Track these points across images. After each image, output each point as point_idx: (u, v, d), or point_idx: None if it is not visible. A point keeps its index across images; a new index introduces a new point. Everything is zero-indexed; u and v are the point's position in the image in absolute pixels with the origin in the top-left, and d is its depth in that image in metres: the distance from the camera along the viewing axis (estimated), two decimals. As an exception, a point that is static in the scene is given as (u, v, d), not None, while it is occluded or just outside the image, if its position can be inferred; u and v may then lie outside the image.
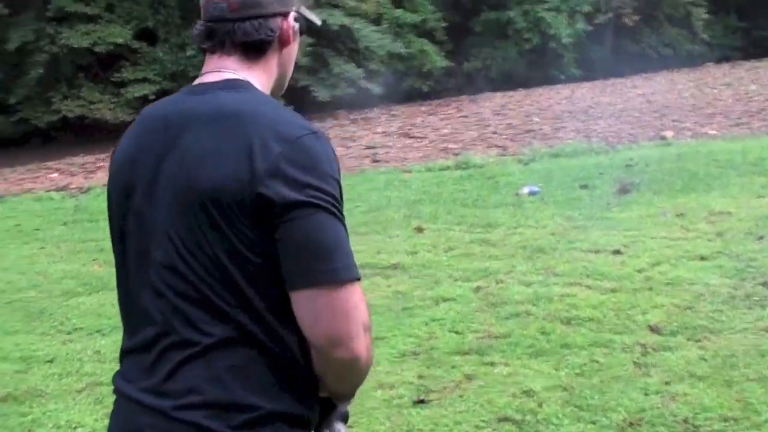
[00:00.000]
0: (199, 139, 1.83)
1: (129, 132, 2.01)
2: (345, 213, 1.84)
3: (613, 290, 6.82)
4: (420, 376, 5.39)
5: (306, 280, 1.74)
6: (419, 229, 9.68)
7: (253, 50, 1.98)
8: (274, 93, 2.06)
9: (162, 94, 21.79)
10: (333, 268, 1.74)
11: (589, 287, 6.97)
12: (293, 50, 2.08)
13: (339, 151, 19.05)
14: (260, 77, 2.00)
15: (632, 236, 8.53)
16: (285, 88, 2.13)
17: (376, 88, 30.24)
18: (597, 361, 5.38)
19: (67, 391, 5.66)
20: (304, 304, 1.76)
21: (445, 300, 6.95)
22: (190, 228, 1.80)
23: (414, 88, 32.51)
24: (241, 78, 1.95)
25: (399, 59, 31.53)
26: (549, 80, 32.57)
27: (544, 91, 28.24)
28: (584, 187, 11.44)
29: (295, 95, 28.97)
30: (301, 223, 1.74)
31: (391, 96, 31.14)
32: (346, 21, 29.18)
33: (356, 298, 1.77)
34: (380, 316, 6.55)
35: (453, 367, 5.51)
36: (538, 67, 33.97)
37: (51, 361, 6.24)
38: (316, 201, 1.74)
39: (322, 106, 28.92)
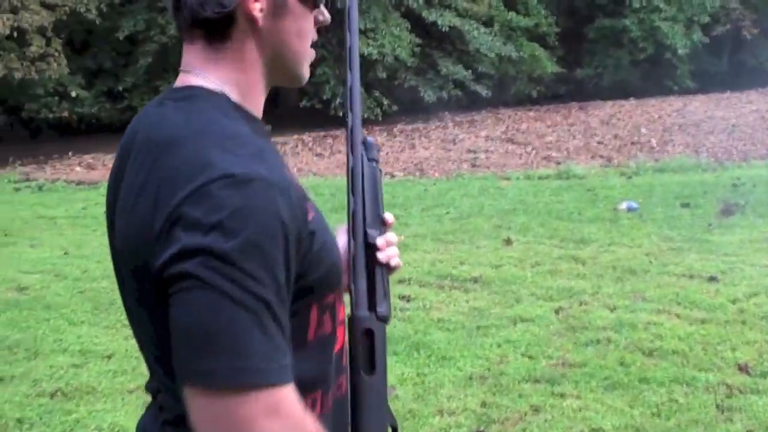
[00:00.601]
0: (131, 176, 1.47)
1: None
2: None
3: (703, 321, 6.38)
4: (484, 404, 5.07)
5: (181, 375, 1.31)
6: (508, 241, 9.33)
7: (213, 34, 1.53)
8: (277, 82, 1.63)
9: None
10: (210, 369, 1.27)
11: (677, 316, 6.54)
12: (288, 26, 1.57)
13: (439, 154, 18.89)
14: (229, 72, 1.55)
15: (730, 262, 8.04)
16: (299, 75, 1.63)
17: (484, 91, 29.80)
18: (676, 401, 4.98)
19: (118, 390, 5.53)
20: (187, 402, 1.32)
21: (522, 320, 6.60)
22: (125, 295, 1.53)
23: (523, 92, 31.95)
24: (195, 84, 1.53)
25: (509, 63, 30.98)
26: (662, 91, 31.62)
27: (655, 102, 27.41)
28: (686, 205, 10.92)
29: (401, 95, 28.81)
30: (181, 300, 1.29)
31: (499, 99, 30.67)
32: (457, 22, 28.76)
33: (252, 412, 1.27)
34: (452, 334, 6.26)
35: (520, 396, 5.17)
36: (651, 77, 33.02)
37: (109, 357, 6.13)
38: (203, 273, 1.28)
39: (428, 107, 28.61)
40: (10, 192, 14.83)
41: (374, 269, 1.70)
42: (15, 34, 22.04)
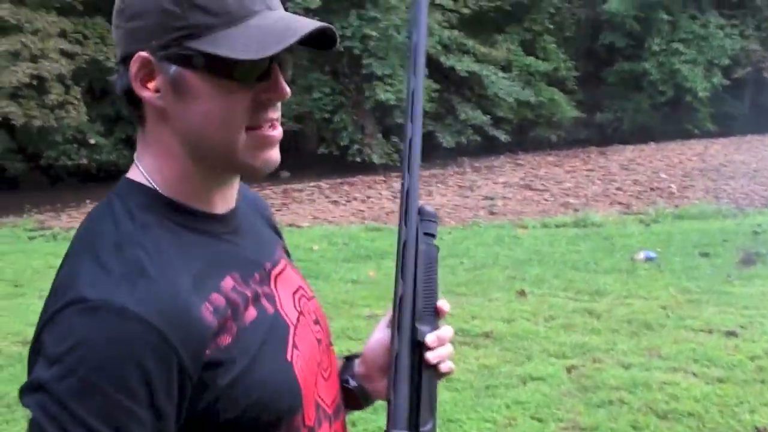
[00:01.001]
0: None
1: None
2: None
3: (721, 380, 6.15)
4: (489, 472, 4.87)
5: None
6: (522, 293, 9.13)
7: (134, 117, 1.37)
8: (226, 171, 1.39)
9: (286, 135, 21.80)
10: None
11: (694, 374, 6.31)
12: (197, 109, 1.31)
13: (455, 201, 18.73)
14: (154, 160, 1.36)
15: (750, 316, 7.81)
16: (239, 164, 1.36)
17: (502, 136, 29.75)
18: (690, 469, 4.77)
19: None
20: None
21: (533, 379, 6.39)
22: None
23: (542, 137, 31.90)
24: (127, 176, 1.38)
25: (528, 107, 30.98)
26: (682, 135, 31.48)
27: (676, 146, 27.26)
28: (705, 254, 10.70)
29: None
30: None
31: (517, 144, 30.60)
32: (475, 67, 28.81)
33: None
34: (459, 394, 6.06)
35: (527, 463, 4.97)
36: (671, 120, 32.91)
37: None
38: (36, 414, 1.15)
39: (446, 152, 28.55)
40: (25, 241, 14.76)
41: (421, 375, 1.47)
42: (35, 82, 22.17)
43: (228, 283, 1.34)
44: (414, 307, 1.48)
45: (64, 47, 22.98)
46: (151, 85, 1.30)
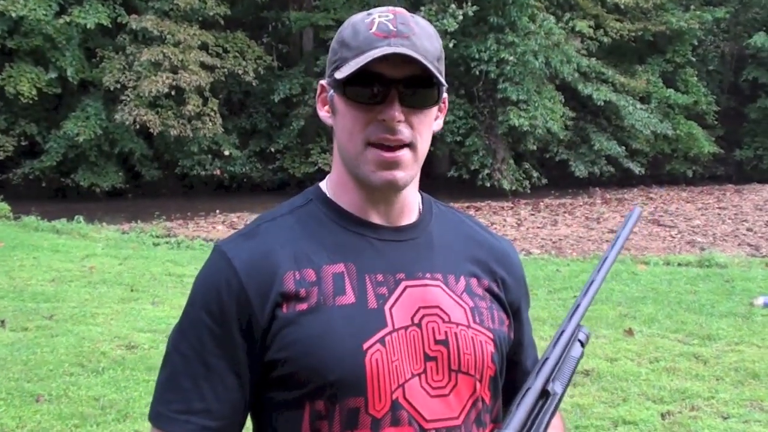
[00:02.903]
0: None
1: None
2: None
3: (824, 440, 5.85)
4: None
5: None
6: (629, 332, 8.88)
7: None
8: (362, 182, 1.73)
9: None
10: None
11: (796, 432, 6.02)
12: (340, 125, 1.72)
13: (580, 232, 18.46)
14: (332, 169, 1.81)
15: None
16: (357, 174, 1.72)
17: (637, 169, 29.18)
18: None
19: None
20: None
21: (625, 422, 6.20)
22: None
23: (678, 171, 31.13)
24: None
25: (665, 140, 30.29)
26: (825, 176, 30.30)
27: (818, 189, 26.23)
28: (830, 304, 10.21)
29: (551, 169, 28.46)
30: None
31: (652, 178, 29.96)
32: (613, 97, 28.33)
33: None
34: (545, 433, 5.91)
35: None
36: (815, 161, 31.72)
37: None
38: None
39: (578, 182, 28.20)
40: (149, 247, 15.15)
41: (537, 415, 1.67)
42: (173, 93, 22.86)
43: (336, 268, 1.68)
44: (554, 370, 1.71)
45: (204, 59, 23.64)
46: (326, 107, 1.77)
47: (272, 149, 25.98)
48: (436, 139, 26.91)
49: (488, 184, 25.94)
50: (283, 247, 1.67)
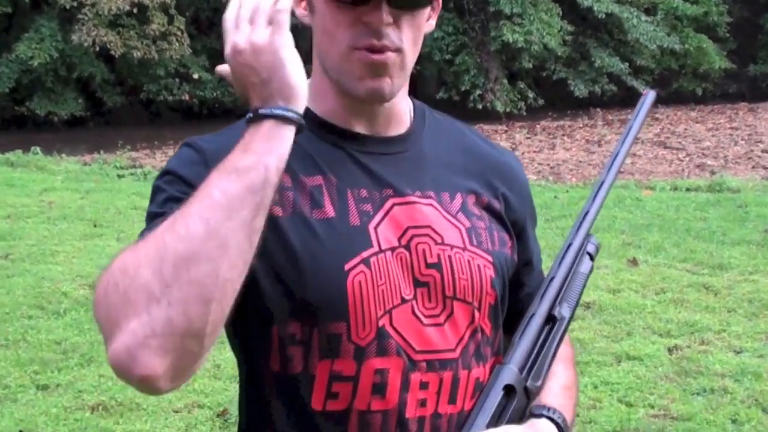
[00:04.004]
0: None
1: None
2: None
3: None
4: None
5: None
6: (634, 262, 8.92)
7: None
8: (343, 90, 1.66)
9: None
10: None
11: (814, 365, 6.07)
12: (319, 26, 1.64)
13: (580, 156, 18.48)
14: (311, 79, 1.67)
15: None
16: (340, 81, 1.64)
17: (642, 87, 29.04)
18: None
19: (163, 409, 5.53)
20: None
21: (629, 358, 6.26)
22: None
23: (686, 89, 31.02)
24: None
25: (672, 56, 30.13)
26: None
27: (838, 106, 26.24)
28: None
29: (548, 88, 28.36)
30: None
31: (658, 97, 29.70)
32: (615, 9, 28.06)
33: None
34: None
35: (605, 451, 4.85)
36: (836, 76, 31.70)
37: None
38: None
39: (578, 102, 28.10)
40: (113, 179, 15.04)
41: (546, 343, 1.67)
42: (135, 10, 22.55)
43: (314, 180, 1.62)
44: (560, 291, 1.70)
45: (168, -28, 23.31)
46: (303, 2, 1.67)
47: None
48: (423, 57, 26.75)
49: (480, 106, 25.83)
50: None
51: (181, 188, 1.55)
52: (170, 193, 1.56)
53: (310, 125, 1.60)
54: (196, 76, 24.96)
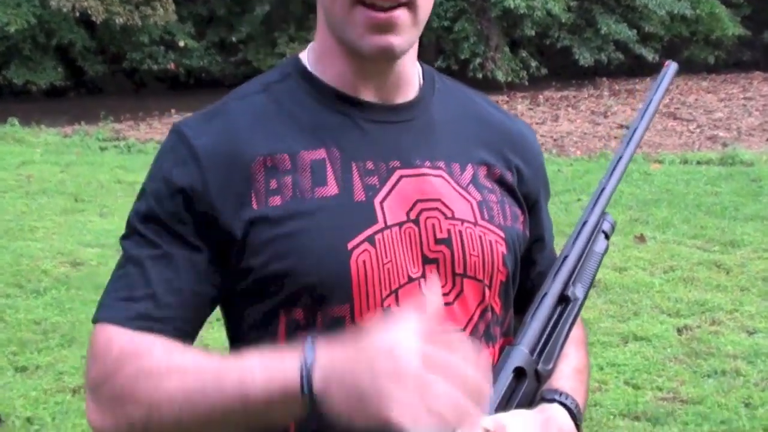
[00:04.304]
0: None
1: None
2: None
3: None
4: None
5: None
6: (641, 239, 8.93)
7: None
8: (337, 47, 1.64)
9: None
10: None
11: (830, 347, 6.09)
12: None
13: (585, 128, 18.43)
14: (314, 41, 1.70)
15: None
16: (344, 38, 1.59)
17: (650, 55, 29.02)
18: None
19: None
20: None
21: (636, 338, 6.29)
22: None
23: (698, 58, 31.00)
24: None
25: (683, 22, 30.09)
26: None
27: None
28: None
29: (551, 57, 28.32)
30: None
31: (667, 66, 29.82)
32: (623, -28, 28.08)
33: (95, 344, 1.56)
34: (547, 351, 5.96)
35: (612, 435, 4.87)
36: None
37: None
38: None
39: (583, 71, 28.05)
40: (95, 152, 15.04)
41: (558, 324, 1.64)
42: (117, -26, 22.45)
43: (316, 154, 1.60)
44: (574, 271, 1.68)
45: (153, -69, 23.18)
46: None
47: (233, 39, 25.53)
48: (422, 24, 26.67)
49: (480, 75, 25.78)
50: (252, 129, 1.60)
51: (170, 205, 1.57)
52: (156, 212, 1.59)
53: (315, 92, 1.64)
54: (182, 43, 24.86)
